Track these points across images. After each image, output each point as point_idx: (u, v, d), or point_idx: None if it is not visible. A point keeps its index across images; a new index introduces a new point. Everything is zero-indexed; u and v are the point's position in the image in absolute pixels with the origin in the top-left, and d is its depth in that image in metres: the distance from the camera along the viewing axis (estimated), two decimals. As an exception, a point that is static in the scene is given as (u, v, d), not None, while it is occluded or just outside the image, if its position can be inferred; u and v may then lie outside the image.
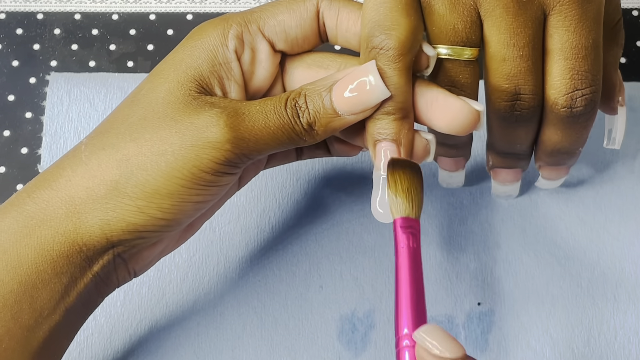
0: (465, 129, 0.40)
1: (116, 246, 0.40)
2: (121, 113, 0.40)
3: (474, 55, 0.41)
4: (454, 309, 0.49)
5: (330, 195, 0.52)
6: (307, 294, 0.50)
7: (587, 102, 0.40)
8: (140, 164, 0.38)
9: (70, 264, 0.39)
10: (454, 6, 0.40)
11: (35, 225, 0.39)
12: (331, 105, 0.39)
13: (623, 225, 0.51)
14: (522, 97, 0.41)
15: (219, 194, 0.40)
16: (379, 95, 0.39)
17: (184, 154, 0.38)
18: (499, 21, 0.40)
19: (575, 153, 0.45)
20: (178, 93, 0.39)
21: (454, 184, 0.51)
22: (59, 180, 0.39)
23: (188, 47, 0.41)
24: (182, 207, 0.39)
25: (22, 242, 0.38)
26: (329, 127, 0.40)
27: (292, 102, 0.39)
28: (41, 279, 0.38)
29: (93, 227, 0.39)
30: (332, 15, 0.42)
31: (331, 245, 0.51)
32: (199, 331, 0.49)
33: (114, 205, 0.39)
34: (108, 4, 0.58)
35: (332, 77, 0.40)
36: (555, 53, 0.40)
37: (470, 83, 0.41)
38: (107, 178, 0.39)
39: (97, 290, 0.41)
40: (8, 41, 0.57)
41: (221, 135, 0.38)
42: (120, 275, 0.41)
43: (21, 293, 0.38)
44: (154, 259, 0.43)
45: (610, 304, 0.49)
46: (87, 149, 0.40)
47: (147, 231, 0.39)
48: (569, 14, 0.40)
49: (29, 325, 0.38)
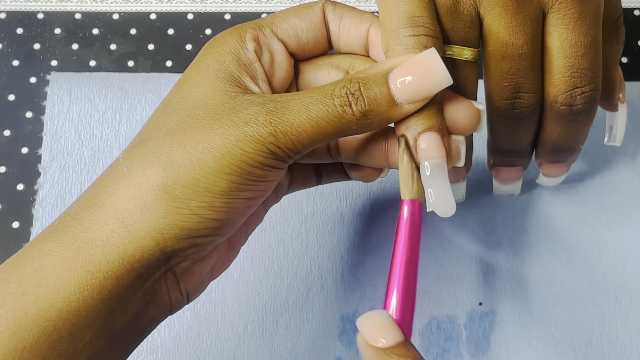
0: (468, 128, 0.40)
1: (170, 258, 0.38)
2: (155, 123, 0.39)
3: (474, 56, 0.41)
4: (456, 309, 0.49)
5: (332, 195, 0.52)
6: (309, 294, 0.50)
7: (586, 99, 0.40)
8: (187, 163, 0.37)
9: (120, 286, 0.36)
10: (454, 6, 0.40)
11: (80, 246, 0.36)
12: (389, 92, 0.37)
13: (625, 225, 0.51)
14: (522, 95, 0.41)
15: (267, 191, 0.39)
16: (443, 81, 0.37)
17: (229, 150, 0.37)
18: (498, 20, 0.40)
19: (576, 150, 0.45)
20: (214, 95, 0.38)
21: (455, 197, 0.50)
22: (102, 197, 0.37)
23: (210, 55, 0.40)
24: (234, 205, 0.38)
25: (65, 265, 0.36)
26: (385, 116, 0.38)
27: (343, 89, 0.38)
28: (85, 305, 0.36)
29: (145, 238, 0.36)
30: (336, 19, 0.42)
31: (333, 245, 0.51)
32: (199, 331, 0.49)
33: (165, 211, 0.37)
34: (108, 4, 0.58)
35: (386, 64, 0.38)
36: (555, 51, 0.40)
37: (470, 83, 0.41)
38: (153, 183, 0.37)
39: (148, 312, 0.38)
40: (8, 41, 0.57)
41: (262, 129, 0.37)
42: (172, 295, 0.39)
43: (61, 321, 0.35)
44: (205, 278, 0.41)
45: (612, 303, 0.49)
46: (125, 160, 0.38)
47: (201, 236, 0.38)
48: (567, 12, 0.40)
49: (68, 354, 0.36)
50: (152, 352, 0.49)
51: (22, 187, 0.53)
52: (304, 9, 0.42)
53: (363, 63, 0.42)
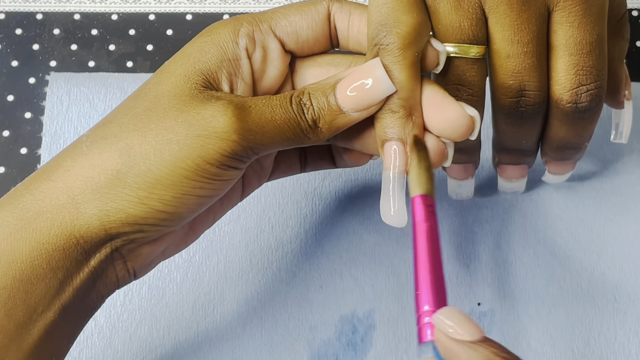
0: (458, 135, 0.40)
1: (114, 239, 0.39)
2: (125, 106, 0.40)
3: (481, 53, 0.41)
4: (455, 309, 0.49)
5: (330, 195, 0.52)
6: (307, 294, 0.50)
7: (592, 97, 0.41)
8: (144, 152, 0.38)
9: (67, 257, 0.38)
10: (459, 4, 0.40)
11: (32, 217, 0.38)
12: (335, 102, 0.39)
13: (623, 225, 0.51)
14: (527, 93, 0.41)
15: (222, 190, 0.40)
16: (384, 90, 0.39)
17: (189, 144, 0.37)
18: (503, 18, 0.40)
19: (582, 148, 0.45)
20: (184, 86, 0.39)
21: (464, 195, 0.50)
22: (57, 171, 0.38)
23: (198, 43, 0.40)
24: (184, 200, 0.38)
25: (17, 236, 0.37)
26: (333, 124, 0.39)
27: (297, 99, 0.39)
28: (36, 273, 0.37)
29: (91, 218, 0.38)
30: (344, 18, 0.42)
31: (331, 245, 0.51)
32: (198, 331, 0.49)
33: (114, 196, 0.38)
34: (107, 4, 0.58)
35: (336, 76, 0.40)
36: (560, 49, 0.40)
37: (478, 81, 0.41)
38: (107, 167, 0.38)
39: (96, 289, 0.40)
40: (7, 41, 0.57)
41: (228, 125, 0.37)
42: (119, 273, 0.40)
43: (15, 289, 0.37)
44: (154, 259, 0.42)
45: (611, 304, 0.49)
46: (88, 139, 0.39)
47: (147, 224, 0.38)
48: (572, 10, 0.40)
49: (23, 322, 0.37)
50: (151, 353, 0.49)
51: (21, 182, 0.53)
52: (306, 6, 0.42)
53: (362, 62, 0.41)
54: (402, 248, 0.51)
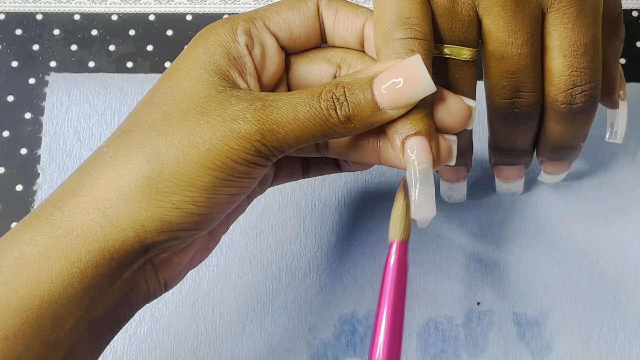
0: (457, 124, 0.40)
1: (149, 249, 0.38)
2: (141, 113, 0.39)
3: (473, 56, 0.41)
4: (454, 309, 0.49)
5: (330, 196, 0.52)
6: (307, 295, 0.50)
7: (586, 98, 0.41)
8: (172, 156, 0.37)
9: (100, 275, 0.36)
10: (452, 5, 0.40)
11: (62, 235, 0.36)
12: (372, 98, 0.38)
13: (622, 226, 0.51)
14: (522, 94, 0.41)
15: (250, 187, 0.39)
16: (426, 89, 0.38)
17: (215, 145, 0.37)
18: (497, 19, 0.40)
19: (577, 148, 0.45)
20: (201, 88, 0.38)
21: (456, 197, 0.50)
22: (84, 186, 0.37)
23: (200, 46, 0.40)
24: (216, 201, 0.38)
25: (46, 254, 0.36)
26: (369, 120, 0.38)
27: (329, 94, 0.38)
28: (67, 294, 0.36)
29: (126, 229, 0.37)
30: (331, 14, 0.42)
31: (331, 245, 0.51)
32: (198, 332, 0.49)
33: (148, 204, 0.37)
34: (107, 5, 0.58)
35: (371, 70, 0.39)
36: (554, 50, 0.40)
37: (468, 83, 0.41)
38: (137, 175, 0.37)
39: (127, 302, 0.38)
40: (7, 42, 0.57)
41: (249, 127, 0.37)
42: (150, 284, 0.39)
43: (43, 309, 0.35)
44: (183, 269, 0.41)
45: (610, 305, 0.49)
46: (110, 150, 0.38)
47: (181, 229, 0.38)
48: (567, 11, 0.40)
49: (50, 342, 0.36)
50: (150, 353, 0.49)
51: (21, 188, 0.53)
52: (297, 3, 0.42)
53: (355, 57, 0.42)
54: (402, 248, 0.51)
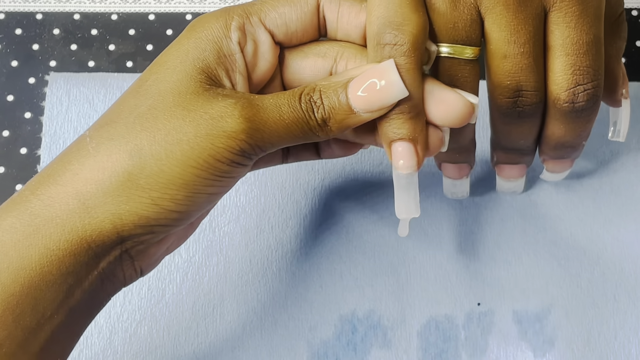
0: (459, 121, 0.40)
1: (126, 241, 0.38)
2: (127, 104, 0.39)
3: (475, 54, 0.41)
4: (454, 309, 0.49)
5: (330, 195, 0.52)
6: (307, 295, 0.50)
7: (589, 97, 0.41)
8: (154, 153, 0.37)
9: (77, 263, 0.37)
10: (454, 4, 0.40)
11: (41, 223, 0.37)
12: (347, 102, 0.39)
13: (622, 225, 0.51)
14: (524, 93, 0.41)
15: (229, 186, 0.40)
16: (397, 94, 0.38)
17: (199, 143, 0.37)
18: (500, 18, 0.40)
19: (579, 146, 0.45)
20: (188, 83, 0.39)
21: (459, 194, 0.51)
22: (65, 175, 0.38)
23: (192, 39, 0.40)
24: (196, 199, 0.38)
25: (26, 242, 0.37)
26: (344, 123, 0.39)
27: (307, 97, 0.39)
28: (45, 280, 0.37)
29: (104, 222, 0.37)
30: (333, 9, 0.42)
31: (331, 245, 0.51)
32: (198, 331, 0.49)
33: (127, 198, 0.37)
34: (107, 4, 0.58)
35: (348, 74, 0.39)
36: (557, 49, 0.40)
37: (471, 82, 0.41)
38: (118, 169, 0.37)
39: (103, 289, 0.39)
40: (7, 41, 0.57)
41: (236, 125, 0.37)
42: (126, 272, 0.40)
43: (24, 295, 0.36)
44: (159, 257, 0.42)
45: (610, 304, 0.49)
46: (93, 140, 0.38)
47: (159, 225, 0.38)
48: (569, 10, 0.40)
49: (31, 328, 0.37)
50: (150, 353, 0.49)
51: (24, 185, 0.53)
52: None
53: (354, 51, 0.42)
54: (402, 248, 0.51)
